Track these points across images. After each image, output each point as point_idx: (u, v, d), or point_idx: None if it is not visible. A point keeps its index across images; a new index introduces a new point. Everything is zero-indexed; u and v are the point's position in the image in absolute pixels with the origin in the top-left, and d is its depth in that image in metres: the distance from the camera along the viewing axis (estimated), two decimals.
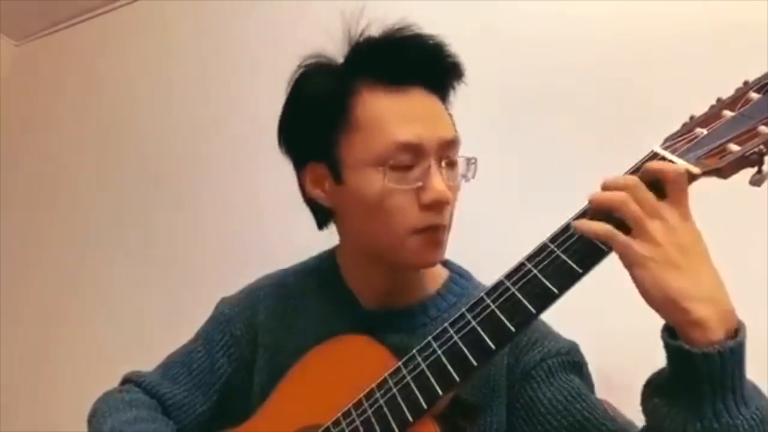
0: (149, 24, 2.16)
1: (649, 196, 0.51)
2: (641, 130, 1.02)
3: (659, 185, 0.52)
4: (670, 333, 0.52)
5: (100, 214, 1.99)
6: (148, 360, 0.86)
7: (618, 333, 1.04)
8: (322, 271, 0.84)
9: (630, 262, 0.51)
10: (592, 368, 0.72)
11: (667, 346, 0.52)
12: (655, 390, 0.55)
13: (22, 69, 2.49)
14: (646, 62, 1.21)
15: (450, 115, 0.74)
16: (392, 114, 0.67)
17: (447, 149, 0.69)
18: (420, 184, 0.66)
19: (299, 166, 0.76)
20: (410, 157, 0.66)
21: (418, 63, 0.69)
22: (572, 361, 0.69)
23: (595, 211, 0.54)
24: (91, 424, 0.76)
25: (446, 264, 0.82)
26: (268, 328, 0.81)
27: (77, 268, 1.97)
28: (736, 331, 0.50)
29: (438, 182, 0.66)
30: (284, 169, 0.77)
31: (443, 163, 0.68)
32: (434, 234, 0.68)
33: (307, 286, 0.83)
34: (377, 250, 0.71)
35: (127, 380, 0.84)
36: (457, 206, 0.72)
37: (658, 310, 0.51)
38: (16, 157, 2.32)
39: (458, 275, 0.80)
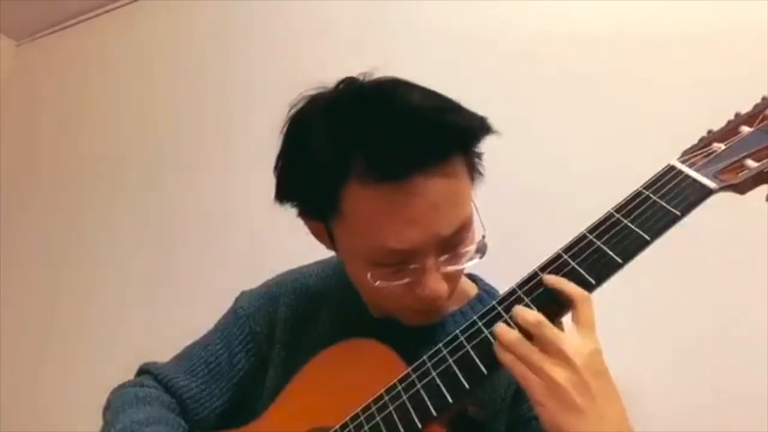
0: (149, 24, 2.14)
1: (532, 347, 0.50)
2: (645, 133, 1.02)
3: None
4: None
5: (101, 213, 1.97)
6: (149, 359, 0.85)
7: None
8: (343, 272, 0.81)
9: (532, 399, 0.50)
10: None
11: None
12: None
13: (22, 69, 2.47)
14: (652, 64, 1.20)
15: (476, 161, 0.64)
16: (382, 216, 0.57)
17: (449, 242, 0.60)
18: (409, 280, 0.61)
19: (300, 215, 0.70)
20: (401, 259, 0.60)
21: (414, 153, 0.56)
22: None
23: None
24: (104, 417, 0.75)
25: (476, 280, 0.79)
26: (285, 326, 0.80)
27: (77, 268, 1.95)
28: None
29: (432, 282, 0.59)
30: None
31: (443, 258, 0.61)
32: (431, 311, 0.66)
33: (328, 287, 0.82)
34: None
35: (143, 371, 0.81)
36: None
37: None
38: (16, 157, 2.30)
39: (486, 293, 0.78)
